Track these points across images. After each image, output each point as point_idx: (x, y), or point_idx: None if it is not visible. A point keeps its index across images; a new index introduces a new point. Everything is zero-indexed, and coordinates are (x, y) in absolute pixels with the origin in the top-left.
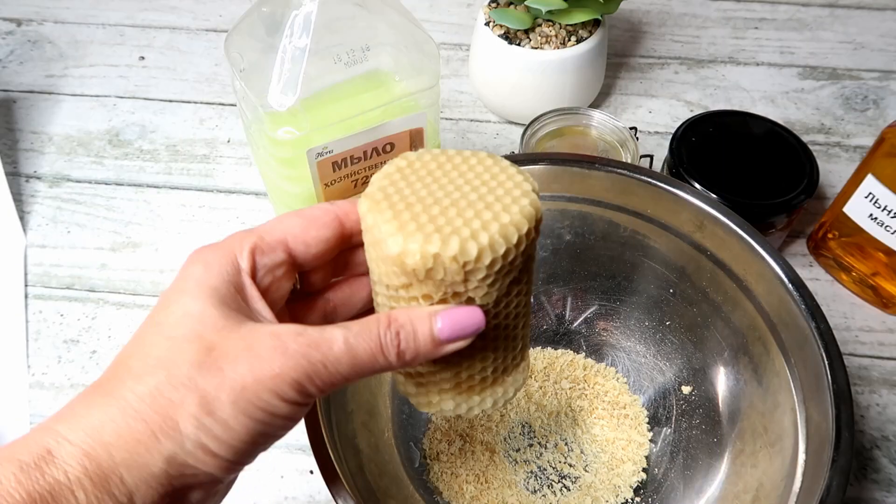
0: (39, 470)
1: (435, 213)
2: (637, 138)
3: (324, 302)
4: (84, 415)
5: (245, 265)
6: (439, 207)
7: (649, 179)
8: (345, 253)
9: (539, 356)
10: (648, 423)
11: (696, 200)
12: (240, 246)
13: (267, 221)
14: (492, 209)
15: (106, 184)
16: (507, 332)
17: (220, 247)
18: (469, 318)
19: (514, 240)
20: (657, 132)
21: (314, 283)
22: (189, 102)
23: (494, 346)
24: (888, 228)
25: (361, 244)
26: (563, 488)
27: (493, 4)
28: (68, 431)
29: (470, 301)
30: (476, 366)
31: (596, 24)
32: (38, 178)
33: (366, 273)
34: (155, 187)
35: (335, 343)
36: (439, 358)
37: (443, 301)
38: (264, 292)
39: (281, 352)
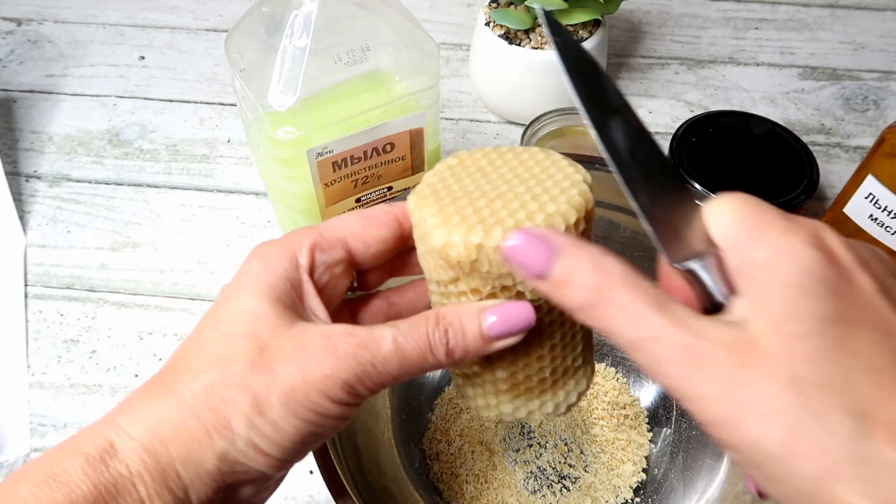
0: (104, 463)
1: (480, 206)
2: None
3: (388, 306)
4: (143, 409)
5: (304, 261)
6: (485, 200)
7: None
8: (402, 254)
9: None
10: (648, 423)
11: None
12: (300, 242)
13: (328, 220)
14: (538, 200)
15: (106, 184)
16: (563, 329)
17: (280, 243)
18: (519, 313)
19: (561, 230)
20: (657, 132)
21: (370, 282)
22: (189, 102)
23: (552, 345)
24: (888, 229)
25: None
26: (563, 489)
27: (494, 4)
28: (129, 425)
29: (520, 295)
30: (533, 366)
31: (596, 24)
32: (38, 177)
33: None
34: (155, 187)
35: (384, 343)
36: (494, 356)
37: (492, 296)
38: (321, 290)
39: (331, 352)
